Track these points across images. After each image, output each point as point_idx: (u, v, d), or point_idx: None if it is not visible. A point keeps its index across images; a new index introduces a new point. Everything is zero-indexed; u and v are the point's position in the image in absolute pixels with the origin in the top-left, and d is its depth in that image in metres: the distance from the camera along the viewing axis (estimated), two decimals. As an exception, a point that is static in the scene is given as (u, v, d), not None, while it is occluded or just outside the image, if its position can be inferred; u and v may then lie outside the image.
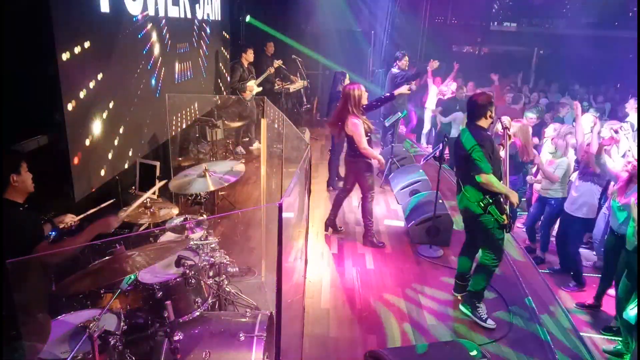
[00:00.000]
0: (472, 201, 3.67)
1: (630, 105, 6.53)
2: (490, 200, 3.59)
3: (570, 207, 4.89)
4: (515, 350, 3.54)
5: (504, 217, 3.61)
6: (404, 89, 5.53)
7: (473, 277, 3.94)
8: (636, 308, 3.39)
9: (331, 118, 4.99)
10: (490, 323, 3.79)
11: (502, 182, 3.66)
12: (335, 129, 4.86)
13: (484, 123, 3.67)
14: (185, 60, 6.44)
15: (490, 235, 3.72)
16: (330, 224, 5.33)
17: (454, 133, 7.83)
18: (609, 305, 4.40)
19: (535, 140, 6.03)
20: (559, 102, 8.18)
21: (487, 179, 3.49)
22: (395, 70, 7.56)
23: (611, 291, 4.36)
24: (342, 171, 6.82)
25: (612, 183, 4.71)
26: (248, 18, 9.27)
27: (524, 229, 5.96)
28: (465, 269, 4.10)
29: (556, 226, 5.50)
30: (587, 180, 4.75)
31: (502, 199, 3.61)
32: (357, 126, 4.62)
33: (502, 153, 3.91)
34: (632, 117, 6.20)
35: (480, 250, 3.90)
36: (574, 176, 5.04)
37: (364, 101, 4.74)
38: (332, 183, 6.64)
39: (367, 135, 4.74)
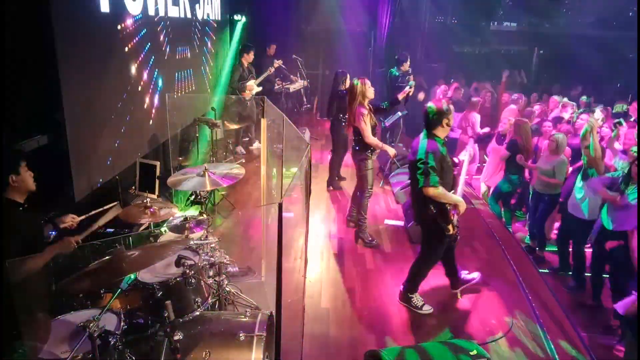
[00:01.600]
0: (419, 207, 3.68)
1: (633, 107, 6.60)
2: (434, 210, 3.56)
3: (572, 208, 4.88)
4: (515, 350, 3.54)
5: (449, 227, 3.58)
6: (406, 91, 5.51)
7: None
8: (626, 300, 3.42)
9: (349, 115, 4.99)
10: (427, 308, 3.93)
11: (453, 190, 3.67)
12: (349, 125, 4.92)
13: (440, 132, 3.62)
14: (185, 60, 6.45)
15: (430, 240, 3.85)
16: (352, 219, 5.38)
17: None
18: (609, 305, 4.40)
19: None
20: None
21: (435, 191, 3.43)
22: (395, 72, 7.57)
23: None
24: (342, 171, 6.84)
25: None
26: (243, 19, 9.26)
27: (527, 227, 5.96)
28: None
29: (556, 225, 5.51)
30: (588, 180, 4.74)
31: (449, 208, 3.56)
32: (362, 116, 4.66)
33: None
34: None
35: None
36: (578, 178, 5.03)
37: (370, 95, 4.79)
38: (332, 183, 6.64)
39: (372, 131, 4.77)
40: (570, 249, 5.06)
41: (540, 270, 4.93)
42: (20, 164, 2.54)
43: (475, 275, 4.30)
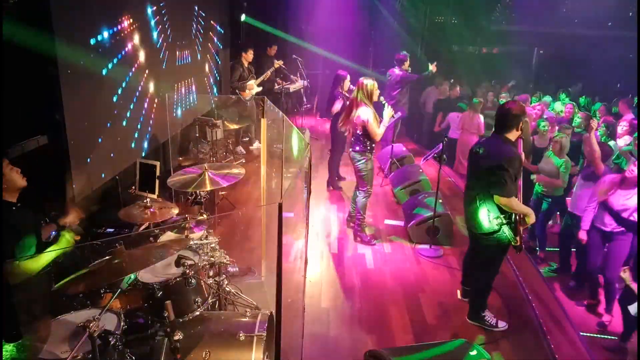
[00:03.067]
0: (485, 216, 3.44)
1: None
2: (505, 221, 3.37)
3: (573, 206, 4.88)
4: (515, 350, 3.54)
5: (517, 238, 3.38)
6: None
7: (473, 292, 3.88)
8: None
9: (344, 111, 4.96)
10: (502, 324, 3.77)
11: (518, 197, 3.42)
12: (349, 123, 4.82)
13: (512, 136, 3.37)
14: (186, 60, 6.44)
15: (493, 253, 3.57)
16: (352, 219, 5.32)
17: (451, 134, 7.83)
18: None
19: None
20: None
21: (509, 202, 3.26)
22: (397, 71, 7.57)
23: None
24: (342, 171, 6.84)
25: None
26: (243, 17, 9.26)
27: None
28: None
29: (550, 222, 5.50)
30: (589, 180, 4.73)
31: (518, 219, 3.38)
32: (369, 114, 4.62)
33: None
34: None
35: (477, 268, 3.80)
36: (579, 177, 5.02)
37: (375, 98, 4.74)
38: (332, 183, 6.65)
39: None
40: (572, 249, 5.06)
41: (540, 270, 4.93)
42: (2, 164, 2.46)
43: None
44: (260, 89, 7.69)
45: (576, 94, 9.45)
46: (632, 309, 3.54)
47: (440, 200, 5.19)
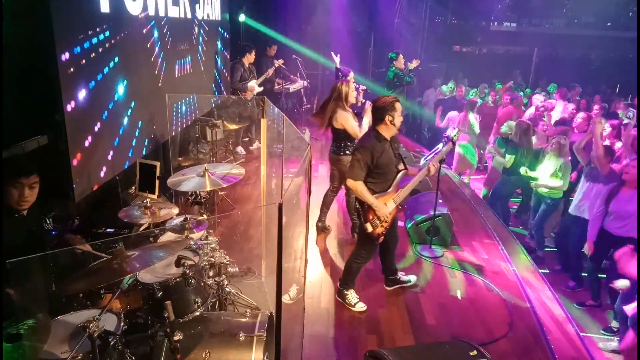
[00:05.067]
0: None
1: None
2: (357, 205, 3.65)
3: (574, 208, 4.86)
4: (515, 350, 3.54)
5: (368, 225, 3.60)
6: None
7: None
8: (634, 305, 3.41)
9: (318, 110, 4.94)
10: (360, 306, 3.91)
11: (390, 189, 3.61)
12: (320, 120, 4.74)
13: (382, 129, 3.54)
14: (185, 60, 6.45)
15: (360, 236, 3.86)
16: (323, 226, 5.24)
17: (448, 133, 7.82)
18: (609, 305, 4.40)
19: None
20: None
21: (354, 185, 3.50)
22: (394, 71, 7.57)
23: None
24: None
25: None
26: (243, 18, 9.26)
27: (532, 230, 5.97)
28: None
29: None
30: (592, 181, 4.72)
31: (366, 207, 3.57)
32: (347, 118, 4.53)
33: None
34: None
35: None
36: (580, 178, 5.01)
37: (352, 99, 4.65)
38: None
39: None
40: (573, 250, 5.06)
41: (540, 271, 4.93)
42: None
43: (412, 278, 4.27)
44: (261, 89, 7.69)
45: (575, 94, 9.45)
46: (628, 309, 3.54)
47: (440, 200, 5.19)
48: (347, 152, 4.66)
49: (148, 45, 5.05)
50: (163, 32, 5.50)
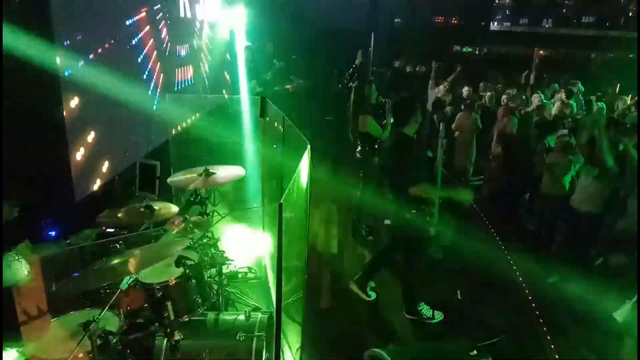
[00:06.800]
0: None
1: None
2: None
3: (574, 201, 4.80)
4: (515, 350, 3.54)
5: None
6: None
7: None
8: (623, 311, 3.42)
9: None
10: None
11: None
12: None
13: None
14: (185, 60, 6.44)
15: None
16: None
17: None
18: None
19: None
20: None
21: None
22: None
23: None
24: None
25: None
26: (243, 16, 9.24)
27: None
28: None
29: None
30: (592, 175, 4.65)
31: None
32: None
33: None
34: None
35: None
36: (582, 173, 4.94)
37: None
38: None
39: None
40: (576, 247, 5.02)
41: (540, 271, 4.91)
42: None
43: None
44: (261, 89, 7.69)
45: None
46: (618, 315, 3.52)
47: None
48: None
49: (148, 45, 5.04)
50: (163, 32, 5.49)
